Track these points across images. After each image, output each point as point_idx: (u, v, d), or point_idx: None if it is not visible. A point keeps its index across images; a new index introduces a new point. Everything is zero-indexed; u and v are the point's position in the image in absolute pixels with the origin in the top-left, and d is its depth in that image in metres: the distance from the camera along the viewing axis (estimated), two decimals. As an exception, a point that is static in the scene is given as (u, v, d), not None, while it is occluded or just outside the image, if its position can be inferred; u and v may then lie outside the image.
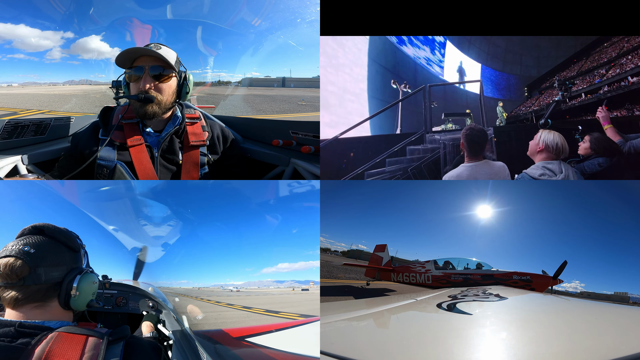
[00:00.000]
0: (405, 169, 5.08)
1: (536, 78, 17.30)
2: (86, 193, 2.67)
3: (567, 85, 6.70)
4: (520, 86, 17.71)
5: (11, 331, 0.93)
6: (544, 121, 3.30)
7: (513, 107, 14.86)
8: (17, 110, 10.29)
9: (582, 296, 8.78)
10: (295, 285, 2.05)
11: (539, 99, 14.33)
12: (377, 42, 11.83)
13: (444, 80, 14.83)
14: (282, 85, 12.23)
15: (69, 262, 1.12)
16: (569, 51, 16.79)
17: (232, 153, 2.17)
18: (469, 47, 16.77)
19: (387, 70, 12.04)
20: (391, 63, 12.37)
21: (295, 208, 2.31)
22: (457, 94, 13.96)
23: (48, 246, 1.10)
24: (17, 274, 1.02)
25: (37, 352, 0.88)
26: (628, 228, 9.97)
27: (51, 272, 1.07)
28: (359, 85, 10.79)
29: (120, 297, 2.60)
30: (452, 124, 8.97)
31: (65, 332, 0.95)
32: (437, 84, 11.32)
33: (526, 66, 17.96)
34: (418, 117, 8.76)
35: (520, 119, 11.16)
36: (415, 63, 13.57)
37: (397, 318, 1.89)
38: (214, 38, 9.74)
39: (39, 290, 1.04)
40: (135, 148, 1.91)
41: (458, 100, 13.88)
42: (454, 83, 13.13)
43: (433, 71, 14.51)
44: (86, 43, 11.18)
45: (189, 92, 1.98)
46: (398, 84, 10.24)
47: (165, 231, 3.07)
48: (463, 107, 13.52)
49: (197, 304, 2.41)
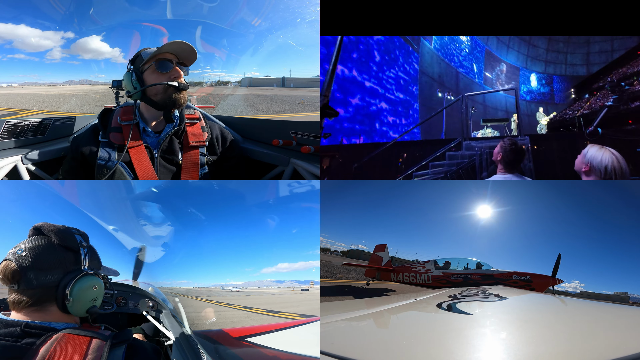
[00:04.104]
0: (445, 172, 5.31)
1: (586, 77, 15.00)
2: (86, 193, 2.67)
3: (623, 86, 6.01)
4: (566, 88, 16.13)
5: (17, 331, 0.93)
6: (592, 129, 2.91)
7: (557, 110, 13.65)
8: (17, 110, 10.28)
9: (582, 296, 8.79)
10: (295, 285, 2.05)
11: (589, 101, 12.11)
12: (425, 56, 12.05)
13: (484, 87, 14.93)
14: (282, 85, 12.22)
15: (67, 263, 1.07)
16: (628, 43, 13.62)
17: (231, 154, 2.17)
18: (508, 51, 16.27)
19: (434, 80, 12.40)
20: (437, 73, 12.70)
21: (295, 208, 2.31)
22: (497, 98, 13.85)
23: (42, 248, 1.04)
24: (10, 278, 1.00)
25: (41, 352, 0.89)
26: (628, 228, 9.98)
27: (44, 275, 1.02)
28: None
29: (120, 297, 2.60)
30: (491, 129, 8.99)
31: (69, 334, 0.96)
32: (473, 93, 11.57)
33: (572, 65, 16.33)
34: (460, 124, 8.99)
35: (565, 124, 9.92)
36: (456, 71, 13.78)
37: (397, 318, 1.89)
38: (214, 38, 9.74)
39: (34, 295, 1.01)
40: (135, 149, 1.91)
41: (497, 105, 13.84)
42: (489, 92, 13.22)
43: (473, 78, 14.60)
44: (86, 43, 11.17)
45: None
46: (443, 93, 10.63)
47: (165, 231, 3.07)
48: (503, 112, 13.57)
49: (200, 305, 2.41)
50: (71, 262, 1.08)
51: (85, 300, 1.08)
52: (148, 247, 3.12)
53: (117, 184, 2.64)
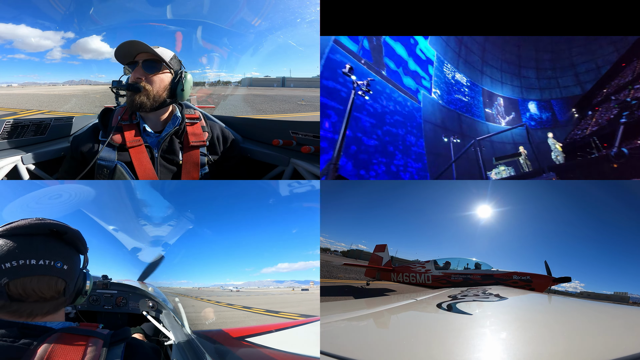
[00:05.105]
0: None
1: (582, 95, 15.33)
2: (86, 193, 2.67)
3: (629, 101, 5.93)
4: (567, 109, 16.25)
5: (14, 331, 0.92)
6: (617, 151, 2.70)
7: (565, 133, 13.00)
8: (17, 110, 10.28)
9: (582, 296, 8.80)
10: (295, 285, 2.05)
11: (594, 117, 12.24)
12: (427, 106, 12.30)
13: (486, 124, 15.06)
14: (282, 85, 12.23)
15: (79, 267, 1.11)
16: (611, 57, 14.87)
17: (232, 154, 2.17)
18: (502, 86, 16.56)
19: (438, 126, 12.61)
20: (439, 119, 12.90)
21: (295, 208, 2.31)
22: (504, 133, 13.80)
23: (72, 257, 1.06)
24: (58, 291, 1.00)
25: (39, 352, 0.88)
26: (628, 228, 9.97)
27: (75, 284, 1.07)
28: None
29: (120, 297, 2.61)
30: (504, 166, 8.92)
31: (67, 334, 0.96)
32: (485, 136, 11.69)
33: (566, 87, 16.87)
34: (470, 165, 9.16)
35: (581, 146, 9.63)
36: (458, 114, 13.98)
37: (397, 318, 1.89)
38: (215, 38, 9.74)
39: (64, 302, 1.05)
40: (135, 149, 1.91)
41: (504, 139, 13.88)
42: (499, 132, 13.21)
43: (475, 117, 14.75)
44: (86, 43, 11.18)
45: (184, 90, 1.96)
46: (448, 137, 10.79)
47: (165, 231, 3.07)
48: (511, 145, 13.66)
49: (200, 305, 2.41)
50: (80, 263, 1.13)
51: (88, 294, 1.15)
52: (144, 246, 3.12)
53: (117, 184, 2.64)
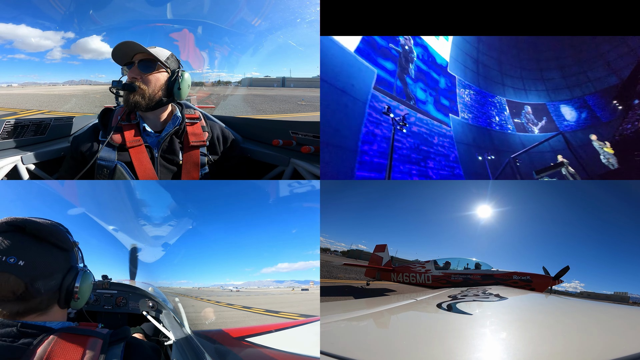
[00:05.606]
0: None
1: (622, 83, 13.23)
2: (86, 193, 2.67)
3: None
4: (606, 103, 14.32)
5: (13, 331, 0.92)
6: None
7: (611, 130, 12.17)
8: (17, 110, 10.28)
9: (582, 296, 8.81)
10: (295, 285, 2.05)
11: None
12: (457, 127, 12.21)
13: (517, 135, 14.48)
14: (282, 85, 12.24)
15: (64, 264, 1.03)
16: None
17: (232, 154, 2.17)
18: (527, 94, 15.91)
19: (469, 145, 12.45)
20: (470, 138, 12.71)
21: (295, 208, 2.31)
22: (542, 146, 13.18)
23: (36, 252, 0.97)
24: (12, 291, 0.93)
25: (39, 352, 0.88)
26: (628, 228, 9.95)
27: (49, 282, 0.98)
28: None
29: (120, 297, 2.61)
30: (547, 178, 8.77)
31: (66, 333, 0.95)
32: (519, 152, 11.39)
33: (598, 80, 14.94)
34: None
35: (631, 140, 8.59)
36: (488, 130, 13.71)
37: (397, 318, 1.89)
38: (215, 38, 9.74)
39: (41, 302, 0.98)
40: (135, 149, 1.91)
41: (542, 148, 13.09)
42: (534, 146, 12.67)
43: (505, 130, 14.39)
44: (87, 43, 11.17)
45: (181, 89, 1.95)
46: (482, 155, 10.64)
47: (165, 231, 3.07)
48: (550, 154, 12.93)
49: (200, 305, 2.41)
50: (66, 261, 1.04)
51: (87, 295, 1.08)
52: (144, 246, 3.12)
53: (117, 184, 2.64)
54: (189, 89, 2.03)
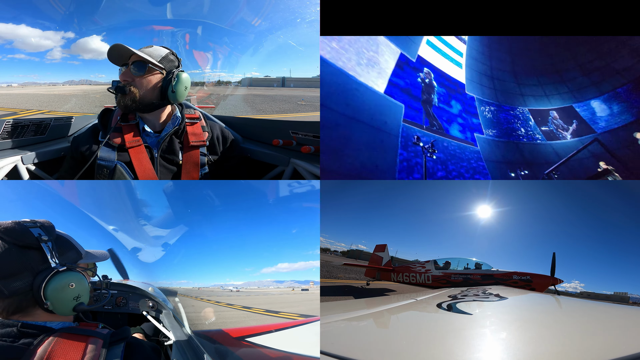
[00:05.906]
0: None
1: None
2: (86, 193, 2.67)
3: None
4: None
5: (13, 331, 0.92)
6: None
7: None
8: (17, 110, 10.28)
9: (582, 296, 8.81)
10: (295, 285, 2.05)
11: None
12: (484, 145, 12.02)
13: (549, 143, 13.84)
14: (282, 85, 12.24)
15: (33, 263, 0.97)
16: None
17: (232, 154, 2.17)
18: (549, 99, 15.33)
19: (499, 163, 12.14)
20: (500, 156, 12.51)
21: (295, 208, 2.31)
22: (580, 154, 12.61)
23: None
24: None
25: (39, 352, 0.88)
26: (628, 228, 9.96)
27: (12, 283, 0.94)
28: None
29: (120, 297, 2.60)
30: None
31: (66, 334, 0.95)
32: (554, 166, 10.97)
33: (624, 70, 13.55)
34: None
35: None
36: (516, 143, 13.35)
37: (397, 318, 1.89)
38: (215, 38, 9.74)
39: (11, 303, 0.95)
40: (135, 149, 1.91)
41: (581, 154, 12.43)
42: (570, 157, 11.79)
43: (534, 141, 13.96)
44: (86, 43, 11.16)
45: (175, 91, 1.91)
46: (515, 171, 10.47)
47: (165, 231, 3.07)
48: (594, 163, 12.21)
49: (200, 305, 2.41)
50: (37, 261, 0.97)
51: (66, 300, 0.98)
52: (144, 246, 3.12)
53: (116, 184, 2.64)
54: (187, 90, 1.99)
